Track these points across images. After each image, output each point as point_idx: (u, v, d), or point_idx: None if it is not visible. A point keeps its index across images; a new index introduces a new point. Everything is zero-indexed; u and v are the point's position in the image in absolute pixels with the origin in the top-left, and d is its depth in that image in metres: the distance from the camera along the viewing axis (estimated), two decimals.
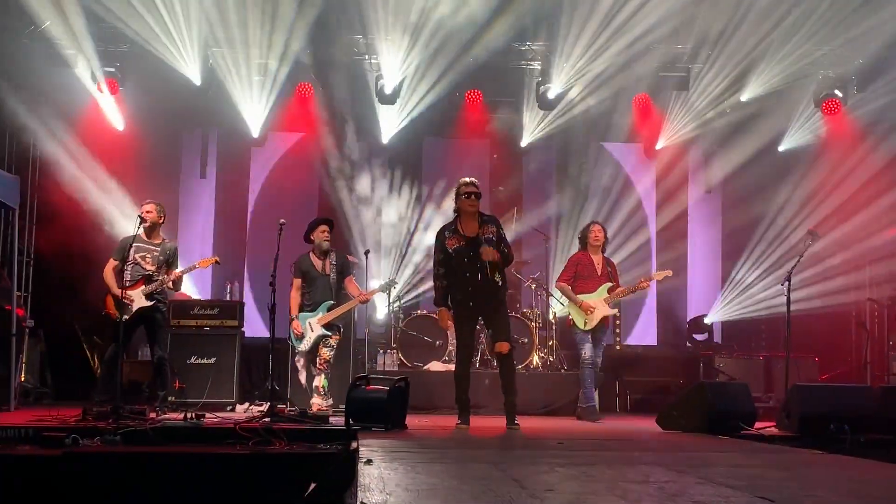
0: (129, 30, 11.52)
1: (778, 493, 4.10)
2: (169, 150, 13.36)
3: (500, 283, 8.20)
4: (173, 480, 5.73)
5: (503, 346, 8.12)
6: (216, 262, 9.84)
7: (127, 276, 9.06)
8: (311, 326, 9.50)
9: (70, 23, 11.34)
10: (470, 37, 11.74)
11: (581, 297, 9.76)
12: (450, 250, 8.18)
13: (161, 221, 9.31)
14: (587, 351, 9.77)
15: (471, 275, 8.09)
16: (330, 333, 9.49)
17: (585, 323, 9.72)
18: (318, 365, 9.50)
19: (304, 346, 9.55)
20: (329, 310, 9.53)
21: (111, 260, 9.18)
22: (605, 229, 10.16)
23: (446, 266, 8.22)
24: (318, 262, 9.69)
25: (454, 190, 8.44)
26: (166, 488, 5.69)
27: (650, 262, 13.72)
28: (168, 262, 9.27)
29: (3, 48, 11.13)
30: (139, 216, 9.01)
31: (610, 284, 9.79)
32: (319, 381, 9.42)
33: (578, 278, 9.85)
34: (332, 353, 9.51)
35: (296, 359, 9.82)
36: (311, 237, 9.77)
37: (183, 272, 9.43)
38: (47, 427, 7.13)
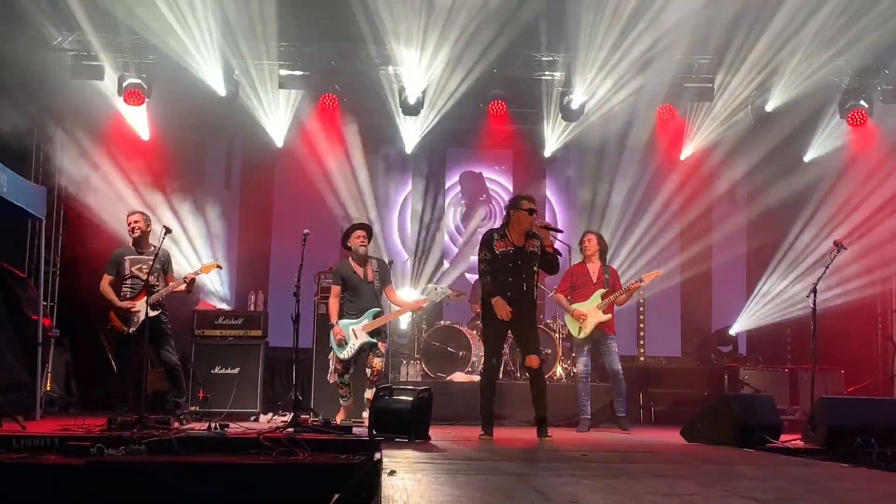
0: (155, 41, 11.62)
1: None
2: (194, 161, 13.44)
3: (535, 296, 8.37)
4: (197, 490, 5.75)
5: (534, 360, 8.15)
6: (217, 266, 9.86)
7: (126, 290, 9.09)
8: (354, 333, 9.20)
9: (96, 34, 11.46)
10: (493, 47, 11.78)
11: (574, 305, 9.88)
12: (497, 252, 8.22)
13: (149, 230, 9.31)
14: (580, 365, 9.98)
15: (513, 280, 8.17)
16: (376, 340, 9.23)
17: (580, 331, 9.85)
18: (370, 377, 9.22)
19: (346, 353, 9.23)
20: (375, 317, 9.28)
21: (105, 275, 9.16)
22: (601, 238, 10.20)
23: (492, 266, 8.25)
24: (359, 269, 9.41)
25: (511, 200, 8.55)
26: (190, 497, 5.70)
27: (675, 274, 13.63)
28: (164, 268, 9.27)
29: (30, 59, 11.25)
30: (165, 228, 9.05)
31: (604, 291, 9.83)
32: (371, 393, 8.92)
33: (575, 288, 9.98)
34: (383, 361, 9.33)
35: (329, 355, 9.53)
36: (348, 243, 9.53)
37: (180, 282, 9.33)
38: (72, 436, 7.16)
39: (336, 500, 5.15)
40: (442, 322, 11.93)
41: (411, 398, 7.84)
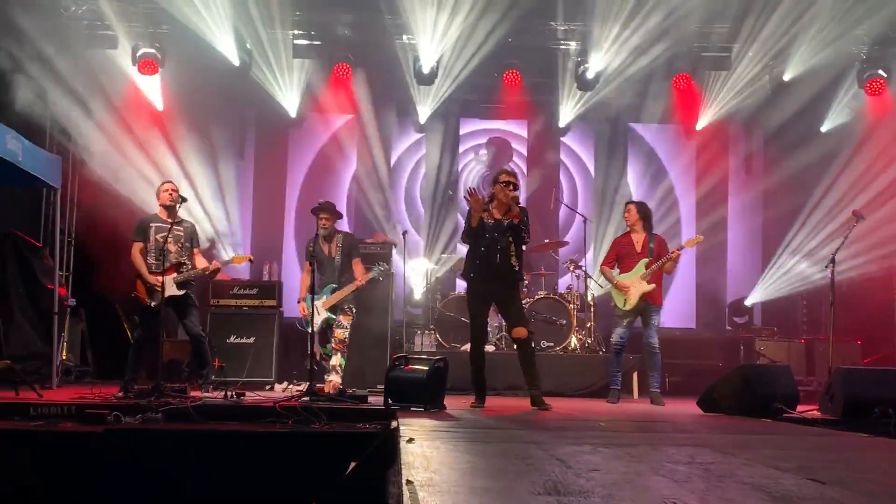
0: (169, 10, 11.55)
1: (828, 476, 4.02)
2: (208, 131, 13.36)
3: (515, 269, 8.36)
4: (214, 457, 5.75)
5: (521, 331, 8.24)
6: (250, 259, 9.92)
7: (152, 259, 8.94)
8: (317, 309, 9.18)
9: (110, 3, 11.41)
10: (508, 16, 11.68)
11: (619, 277, 9.67)
12: (473, 225, 8.31)
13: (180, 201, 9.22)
14: (616, 335, 9.74)
15: (489, 253, 8.28)
16: (335, 316, 9.31)
17: (625, 302, 9.57)
18: (334, 345, 9.30)
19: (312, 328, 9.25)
20: (331, 293, 9.33)
21: (135, 243, 9.02)
22: (641, 206, 9.93)
23: (469, 239, 8.45)
24: (325, 246, 9.48)
25: (494, 176, 8.61)
26: (207, 465, 5.71)
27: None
28: (191, 243, 9.22)
29: (43, 29, 11.19)
30: (181, 197, 9.01)
31: (647, 260, 9.58)
32: (336, 360, 9.24)
33: (620, 259, 9.74)
34: (346, 333, 9.30)
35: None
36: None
37: (217, 266, 9.41)
38: (90, 404, 7.20)
39: (354, 467, 5.15)
40: (456, 292, 11.92)
41: (427, 367, 7.85)
